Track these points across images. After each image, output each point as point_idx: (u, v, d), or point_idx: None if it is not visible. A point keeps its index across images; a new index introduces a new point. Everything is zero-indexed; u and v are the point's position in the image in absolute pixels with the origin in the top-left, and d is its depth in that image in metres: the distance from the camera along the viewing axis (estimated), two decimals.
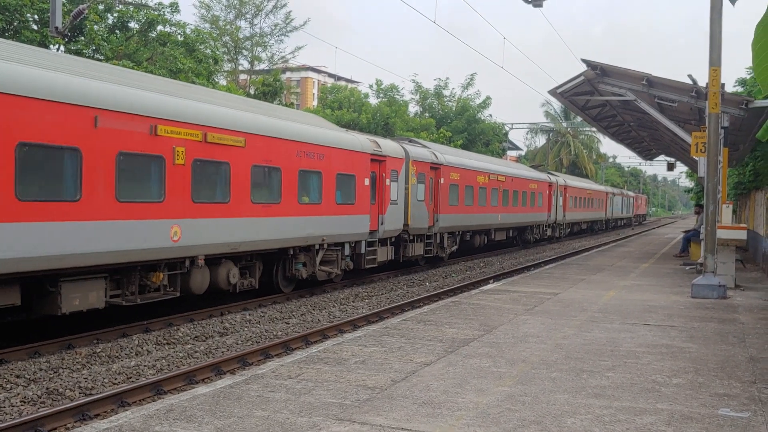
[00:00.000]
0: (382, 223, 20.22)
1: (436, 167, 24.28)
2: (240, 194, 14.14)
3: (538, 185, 38.11)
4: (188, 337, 12.33)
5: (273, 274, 16.56)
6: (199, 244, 13.07)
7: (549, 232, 41.71)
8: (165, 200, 12.25)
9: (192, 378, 9.71)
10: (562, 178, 45.93)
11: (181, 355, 11.05)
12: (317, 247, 17.17)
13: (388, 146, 20.99)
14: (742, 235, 16.67)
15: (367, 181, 19.20)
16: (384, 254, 20.70)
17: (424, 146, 24.98)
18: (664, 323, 11.54)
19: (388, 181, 20.54)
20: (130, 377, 9.78)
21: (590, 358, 8.71)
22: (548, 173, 44.61)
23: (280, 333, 12.96)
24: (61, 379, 9.41)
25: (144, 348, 11.41)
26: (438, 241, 24.80)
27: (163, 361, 10.65)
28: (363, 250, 19.27)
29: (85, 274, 11.25)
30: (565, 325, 11.19)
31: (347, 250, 18.59)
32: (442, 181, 24.61)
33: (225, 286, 14.45)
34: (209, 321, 13.71)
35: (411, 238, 22.56)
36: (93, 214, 10.89)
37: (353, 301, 16.98)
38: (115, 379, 9.63)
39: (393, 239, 21.45)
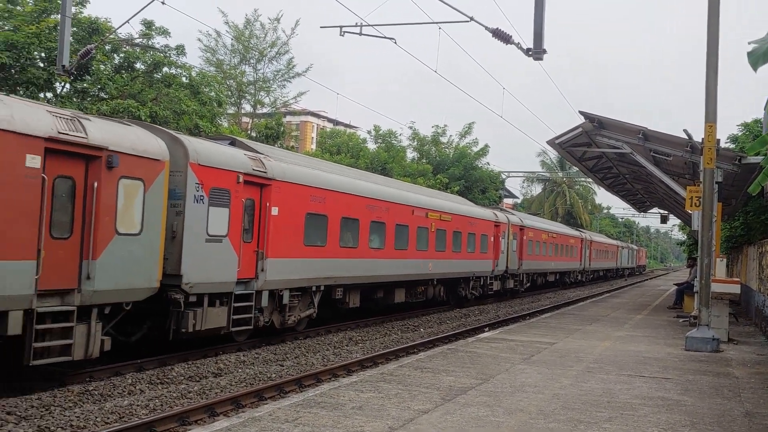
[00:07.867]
0: (496, 266, 30.71)
1: (522, 228, 34.73)
2: (449, 246, 25.22)
3: (574, 240, 49.27)
4: (182, 377, 12.25)
5: (445, 294, 26.85)
6: (436, 272, 24.23)
7: (579, 277, 53.15)
8: (428, 250, 23.40)
9: (185, 419, 9.63)
10: (588, 235, 56.26)
11: (174, 395, 10.97)
12: (471, 278, 27.93)
13: (500, 215, 32.16)
14: (736, 289, 16.73)
15: (491, 239, 29.99)
16: (497, 285, 31.35)
17: (514, 214, 36.37)
18: (659, 375, 11.54)
19: (500, 238, 31.15)
20: (123, 417, 9.69)
21: (587, 409, 8.70)
22: (579, 230, 56.17)
23: (274, 375, 12.89)
24: (53, 417, 9.29)
25: (137, 387, 11.32)
26: (521, 279, 35.22)
27: (157, 400, 10.56)
28: (488, 282, 30.09)
29: (399, 286, 21.98)
30: (562, 375, 11.18)
31: (482, 282, 29.45)
32: (524, 238, 35.11)
33: (438, 297, 25.70)
34: (204, 361, 13.64)
35: (507, 276, 32.85)
36: (412, 256, 22.22)
37: (347, 345, 16.91)
38: (108, 418, 9.54)
39: (499, 276, 31.71)
